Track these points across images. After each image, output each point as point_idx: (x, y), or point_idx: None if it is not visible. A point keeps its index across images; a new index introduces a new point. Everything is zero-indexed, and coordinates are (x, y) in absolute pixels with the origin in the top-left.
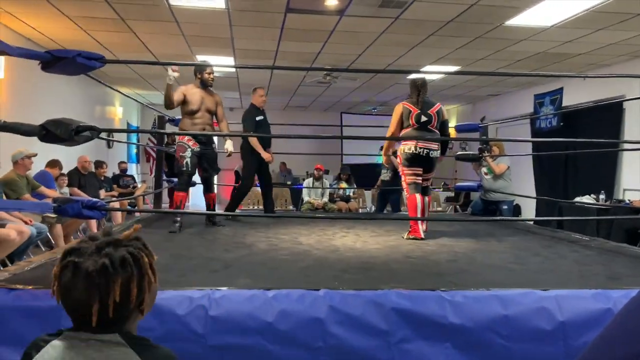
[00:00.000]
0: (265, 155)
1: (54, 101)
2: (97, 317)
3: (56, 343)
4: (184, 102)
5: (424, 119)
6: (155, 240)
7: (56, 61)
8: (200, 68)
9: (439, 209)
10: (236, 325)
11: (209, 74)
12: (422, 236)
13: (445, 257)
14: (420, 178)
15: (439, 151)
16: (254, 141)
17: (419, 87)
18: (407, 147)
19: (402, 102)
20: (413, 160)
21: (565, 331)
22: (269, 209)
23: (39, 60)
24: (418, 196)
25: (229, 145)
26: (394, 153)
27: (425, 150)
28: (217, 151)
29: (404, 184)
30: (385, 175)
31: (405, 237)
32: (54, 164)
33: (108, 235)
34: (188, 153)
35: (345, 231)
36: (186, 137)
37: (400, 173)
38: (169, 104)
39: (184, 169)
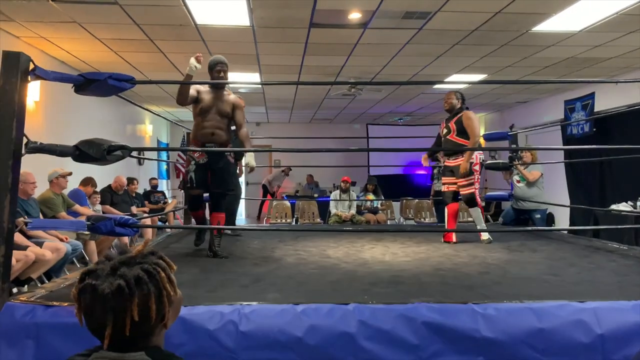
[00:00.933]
0: None
1: (87, 121)
2: (120, 336)
3: None
4: (195, 102)
5: None
6: (184, 256)
7: (88, 84)
8: (209, 66)
9: (470, 219)
10: (266, 340)
11: (218, 72)
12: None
13: (476, 269)
14: None
15: None
16: None
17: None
18: (482, 157)
19: (472, 111)
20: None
21: (604, 344)
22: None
23: (72, 83)
24: None
25: (250, 159)
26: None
27: None
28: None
29: (476, 192)
30: (437, 185)
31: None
32: (87, 182)
33: (123, 254)
34: (192, 167)
35: (374, 243)
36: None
37: (474, 181)
38: (182, 99)
39: (188, 185)
